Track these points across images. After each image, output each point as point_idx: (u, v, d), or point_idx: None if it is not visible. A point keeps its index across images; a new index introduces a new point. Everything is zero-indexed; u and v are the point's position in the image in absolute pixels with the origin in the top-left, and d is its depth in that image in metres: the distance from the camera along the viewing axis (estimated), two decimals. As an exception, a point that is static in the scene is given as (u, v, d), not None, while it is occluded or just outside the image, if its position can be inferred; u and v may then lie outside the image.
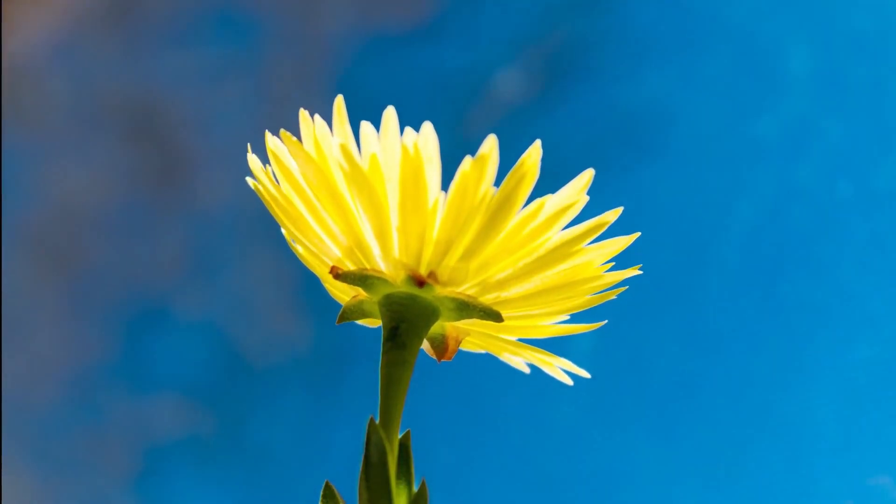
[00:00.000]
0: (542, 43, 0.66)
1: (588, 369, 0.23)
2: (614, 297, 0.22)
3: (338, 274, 0.21)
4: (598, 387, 0.53)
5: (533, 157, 0.19)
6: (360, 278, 0.21)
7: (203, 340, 0.68)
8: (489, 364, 0.25)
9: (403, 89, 0.67)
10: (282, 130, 0.21)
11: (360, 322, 0.25)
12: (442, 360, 0.22)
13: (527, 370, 0.24)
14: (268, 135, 0.21)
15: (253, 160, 0.22)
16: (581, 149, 0.63)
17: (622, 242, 0.21)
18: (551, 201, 0.20)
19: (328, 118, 0.21)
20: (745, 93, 0.61)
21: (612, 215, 0.20)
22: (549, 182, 0.20)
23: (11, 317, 0.69)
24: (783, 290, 0.58)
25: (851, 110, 0.59)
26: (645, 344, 0.58)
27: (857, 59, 0.59)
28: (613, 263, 0.21)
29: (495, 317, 0.21)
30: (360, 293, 0.22)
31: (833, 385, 0.56)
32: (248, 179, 0.23)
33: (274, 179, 0.22)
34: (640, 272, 0.22)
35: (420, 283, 0.20)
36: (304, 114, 0.21)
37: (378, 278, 0.21)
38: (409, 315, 0.21)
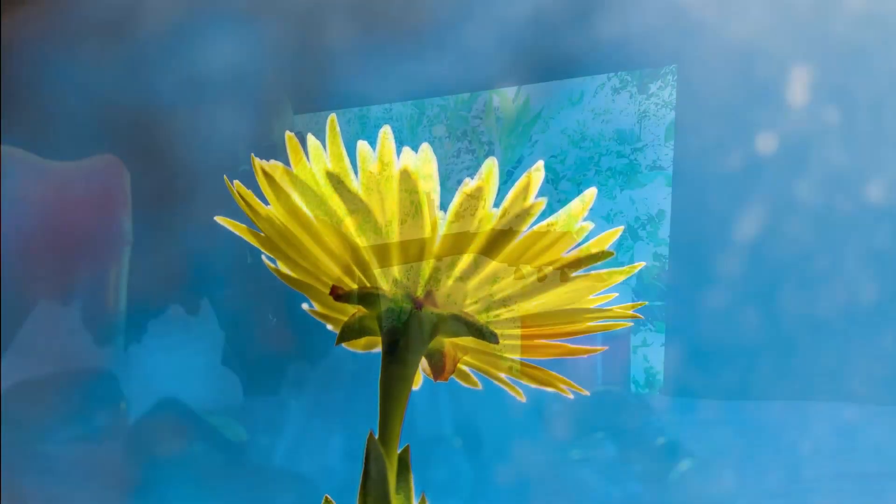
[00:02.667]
0: (542, 55, 0.66)
1: (587, 386, 0.23)
2: (617, 328, 0.22)
3: (339, 295, 0.21)
4: (599, 402, 0.53)
5: (535, 183, 0.19)
6: (360, 297, 0.21)
7: (202, 353, 0.68)
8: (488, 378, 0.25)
9: (401, 102, 0.67)
10: (273, 161, 0.20)
11: (357, 350, 0.24)
12: (438, 380, 0.22)
13: (523, 399, 0.24)
14: (254, 158, 0.21)
15: (238, 186, 0.22)
16: (579, 161, 0.63)
17: (622, 273, 0.21)
18: (555, 229, 0.20)
19: (325, 131, 0.21)
20: (745, 109, 0.61)
21: (611, 237, 0.20)
22: (548, 191, 0.19)
23: (11, 326, 0.69)
24: (782, 305, 0.58)
25: (851, 125, 0.59)
26: (643, 358, 0.58)
27: (856, 76, 0.59)
28: (616, 294, 0.21)
29: (491, 337, 0.21)
30: (360, 310, 0.22)
31: (832, 400, 0.56)
32: (219, 218, 0.22)
33: (262, 203, 0.21)
34: (641, 317, 0.21)
35: (418, 305, 0.20)
36: (290, 136, 0.21)
37: (377, 294, 0.21)
38: (408, 330, 0.21)
